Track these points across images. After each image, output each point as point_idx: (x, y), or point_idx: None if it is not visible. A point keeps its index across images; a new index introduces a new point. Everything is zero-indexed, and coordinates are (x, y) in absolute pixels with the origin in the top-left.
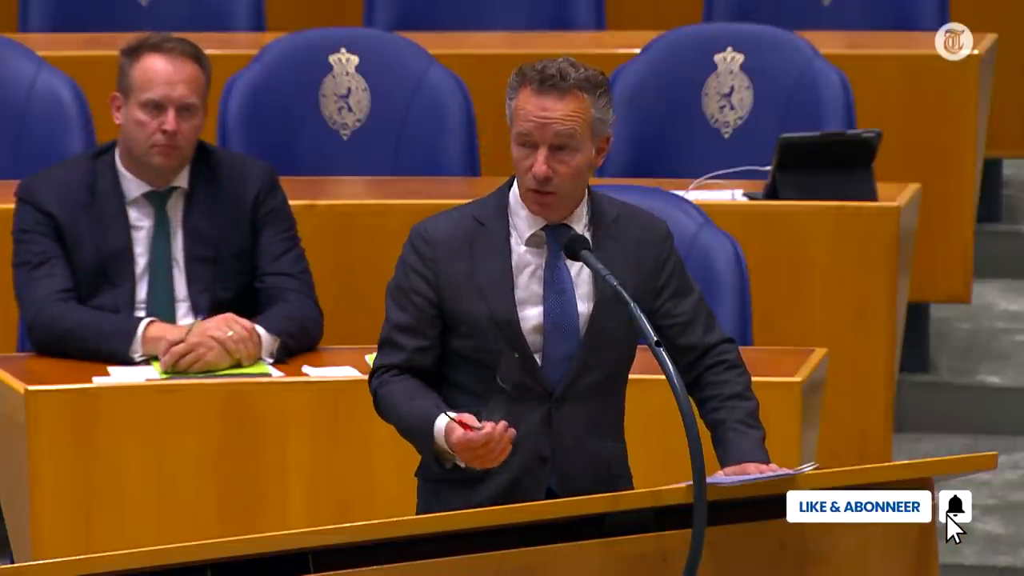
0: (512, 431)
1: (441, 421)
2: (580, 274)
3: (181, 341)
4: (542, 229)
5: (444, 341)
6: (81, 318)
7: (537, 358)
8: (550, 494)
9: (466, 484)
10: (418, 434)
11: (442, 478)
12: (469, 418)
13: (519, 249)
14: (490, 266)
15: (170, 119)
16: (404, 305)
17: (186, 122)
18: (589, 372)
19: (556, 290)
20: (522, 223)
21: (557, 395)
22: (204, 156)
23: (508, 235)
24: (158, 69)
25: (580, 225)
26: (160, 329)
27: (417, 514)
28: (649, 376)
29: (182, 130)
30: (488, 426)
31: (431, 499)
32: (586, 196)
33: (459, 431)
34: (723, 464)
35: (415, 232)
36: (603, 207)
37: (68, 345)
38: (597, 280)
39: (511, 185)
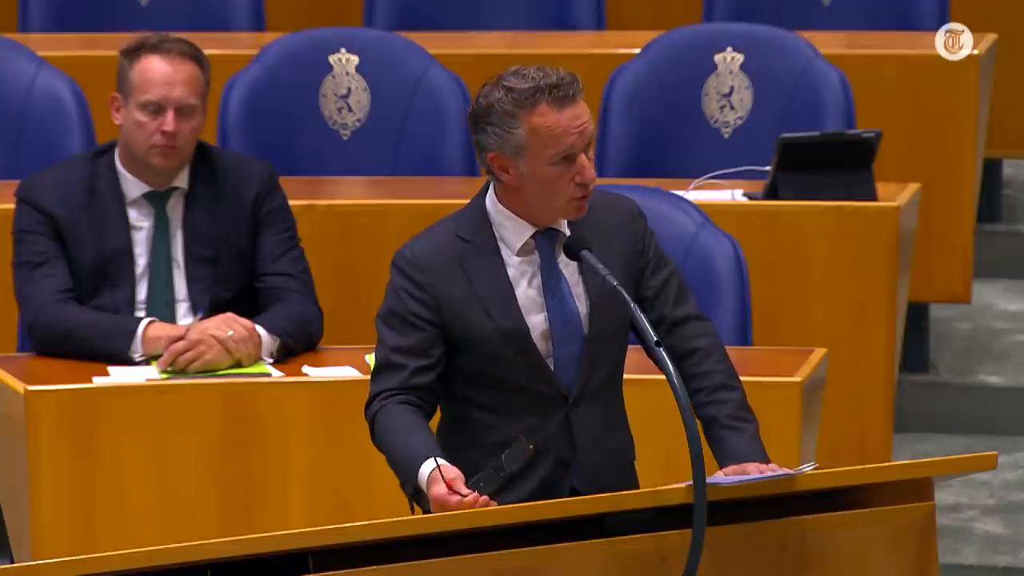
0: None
1: (427, 467)
2: (572, 274)
3: (181, 338)
4: (531, 237)
5: (449, 360)
6: (81, 318)
7: (549, 363)
8: (573, 492)
9: (491, 497)
10: (403, 471)
11: None
12: (456, 477)
13: (512, 260)
14: (488, 282)
15: (169, 120)
16: (402, 329)
17: (185, 123)
18: (597, 369)
19: (556, 294)
20: (509, 234)
21: (573, 397)
22: (204, 156)
23: (497, 248)
24: (157, 70)
25: (563, 223)
26: (160, 329)
27: None
28: (649, 376)
29: (181, 131)
30: (471, 498)
31: None
32: None
33: (440, 486)
34: (720, 463)
35: (401, 259)
36: None
37: (68, 345)
38: (587, 276)
39: (485, 195)
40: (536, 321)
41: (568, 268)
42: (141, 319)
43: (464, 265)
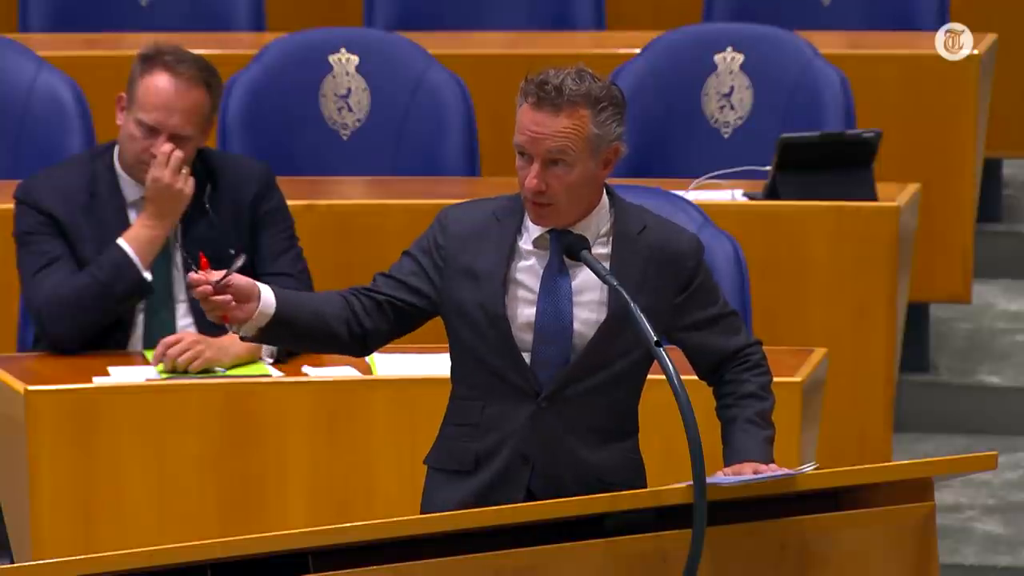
0: (226, 297)
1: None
2: (589, 280)
3: (178, 342)
4: (547, 232)
5: (451, 332)
6: (75, 284)
7: (526, 356)
8: (529, 495)
9: (458, 476)
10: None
11: (442, 467)
12: (214, 274)
13: (525, 247)
14: (491, 259)
15: (159, 145)
16: (400, 265)
17: (178, 148)
18: (584, 378)
19: (551, 292)
20: (532, 224)
21: (544, 395)
22: (201, 158)
23: (518, 232)
24: (160, 91)
25: (590, 234)
26: (135, 233)
27: (421, 500)
28: (649, 376)
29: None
30: (209, 277)
31: (431, 488)
32: (605, 205)
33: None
34: (725, 460)
35: (440, 215)
36: (627, 218)
37: (83, 314)
38: (612, 291)
39: None
40: (523, 313)
41: (587, 273)
42: (116, 244)
43: (482, 240)
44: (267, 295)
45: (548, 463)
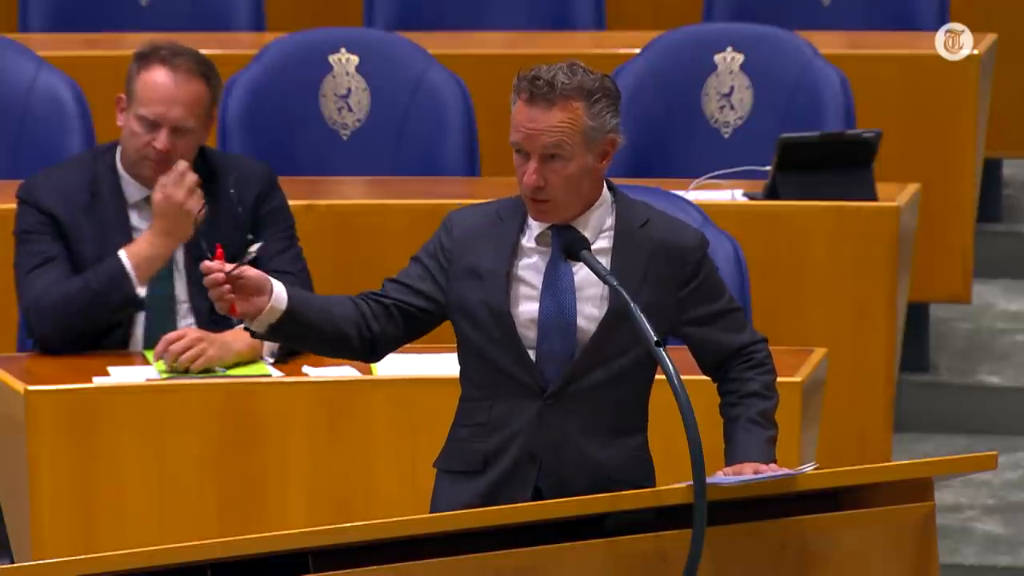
0: (222, 286)
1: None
2: (592, 275)
3: (180, 338)
4: (548, 228)
5: (458, 333)
6: (67, 287)
7: (531, 354)
8: (537, 493)
9: (466, 476)
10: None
11: (450, 469)
12: (226, 266)
13: (528, 245)
14: (494, 258)
15: (161, 138)
16: (408, 270)
17: (180, 140)
18: (589, 374)
19: (554, 289)
20: (534, 221)
21: (551, 392)
22: (202, 158)
23: (521, 231)
24: (159, 85)
25: (591, 229)
26: (137, 248)
27: (430, 502)
28: None
29: (175, 147)
30: (222, 266)
31: (439, 489)
32: (607, 200)
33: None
34: (727, 459)
35: (445, 219)
36: (630, 213)
37: (69, 317)
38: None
39: None
40: (527, 309)
41: (584, 270)
42: (116, 256)
43: (485, 240)
44: (279, 291)
45: (555, 461)
